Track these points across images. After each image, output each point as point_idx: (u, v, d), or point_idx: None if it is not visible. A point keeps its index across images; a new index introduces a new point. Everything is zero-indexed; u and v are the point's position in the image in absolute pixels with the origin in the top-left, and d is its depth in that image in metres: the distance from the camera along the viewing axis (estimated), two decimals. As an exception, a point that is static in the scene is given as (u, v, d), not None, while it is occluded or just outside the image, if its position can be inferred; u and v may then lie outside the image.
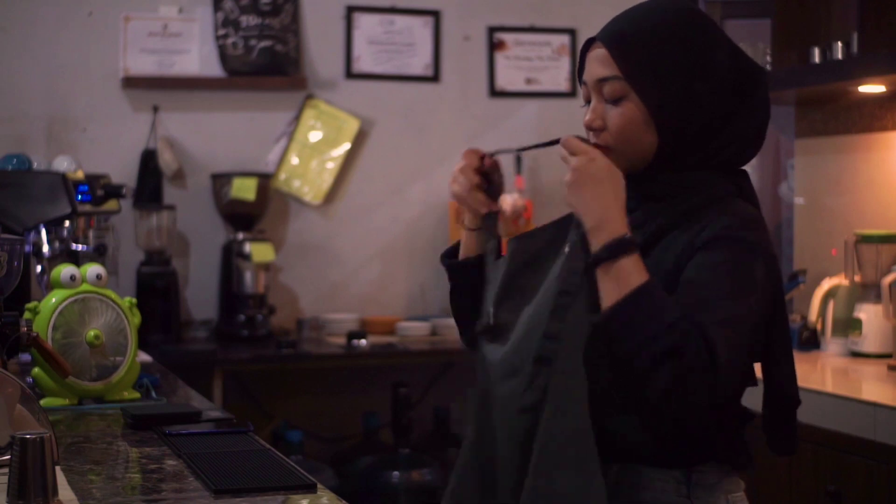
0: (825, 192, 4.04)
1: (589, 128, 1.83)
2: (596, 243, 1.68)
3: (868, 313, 3.52)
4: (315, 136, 4.78)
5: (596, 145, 1.80)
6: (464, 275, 1.98)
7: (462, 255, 1.99)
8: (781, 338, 1.82)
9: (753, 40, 4.04)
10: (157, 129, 4.61)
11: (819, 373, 3.43)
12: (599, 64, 1.81)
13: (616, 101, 1.79)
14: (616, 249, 1.67)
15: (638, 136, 1.79)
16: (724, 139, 1.81)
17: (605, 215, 1.69)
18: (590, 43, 1.85)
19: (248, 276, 4.53)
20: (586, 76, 1.84)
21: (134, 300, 2.69)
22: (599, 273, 1.68)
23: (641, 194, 1.81)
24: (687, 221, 1.77)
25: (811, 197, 4.12)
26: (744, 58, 1.84)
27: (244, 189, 4.54)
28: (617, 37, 1.80)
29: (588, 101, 1.85)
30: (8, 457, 1.61)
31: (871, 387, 3.17)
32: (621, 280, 1.66)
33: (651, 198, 1.81)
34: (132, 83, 4.59)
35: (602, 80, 1.80)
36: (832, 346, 3.66)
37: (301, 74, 4.76)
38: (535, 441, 1.70)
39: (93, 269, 2.63)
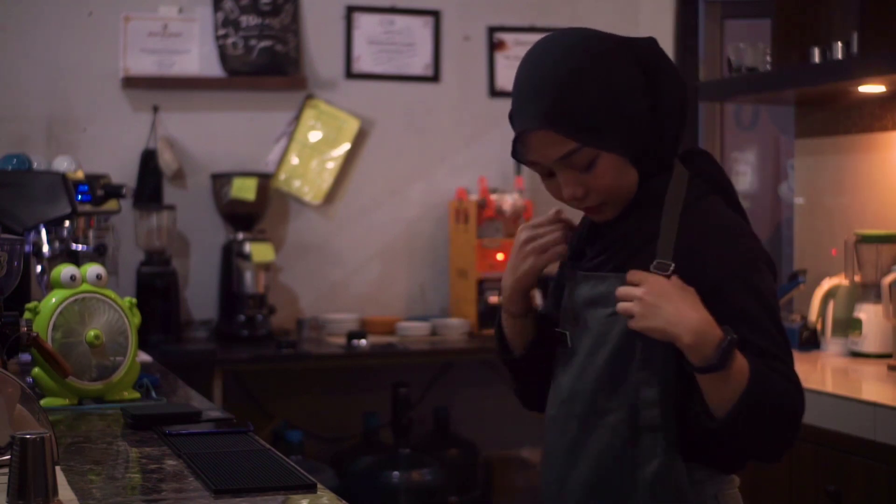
0: (825, 192, 4.04)
1: (572, 199, 1.82)
2: (699, 354, 1.69)
3: (868, 313, 3.52)
4: (315, 136, 4.78)
5: (587, 209, 1.84)
6: (527, 368, 1.98)
7: (516, 346, 1.97)
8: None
9: (753, 40, 4.04)
10: (157, 129, 4.61)
11: (819, 373, 3.43)
12: (552, 146, 1.78)
13: (588, 167, 1.79)
14: (726, 356, 1.67)
15: (622, 179, 1.81)
16: (666, 121, 1.81)
17: (698, 327, 1.69)
18: (523, 130, 1.81)
19: (248, 276, 4.53)
20: (540, 159, 1.80)
21: (134, 300, 2.68)
22: (707, 378, 1.70)
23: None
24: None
25: (811, 197, 4.12)
26: (638, 46, 1.82)
27: (244, 189, 4.54)
28: (555, 114, 1.77)
29: (547, 174, 1.83)
30: (8, 457, 1.61)
31: (871, 387, 3.17)
32: (732, 380, 1.68)
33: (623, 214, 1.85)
34: (132, 83, 4.59)
35: (565, 157, 1.78)
36: (832, 346, 3.66)
37: (301, 74, 4.76)
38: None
39: (93, 269, 2.63)
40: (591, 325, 1.83)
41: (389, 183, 4.91)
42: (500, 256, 4.71)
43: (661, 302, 1.70)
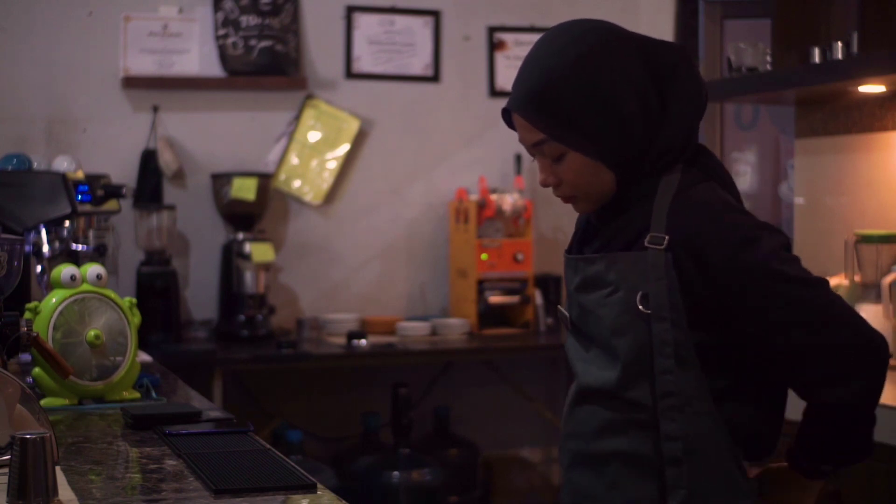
0: (825, 192, 4.04)
1: (544, 185, 1.85)
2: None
3: (868, 313, 3.51)
4: (315, 136, 4.78)
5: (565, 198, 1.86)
6: None
7: None
8: None
9: (753, 40, 4.04)
10: (157, 129, 4.61)
11: (819, 373, 3.42)
12: (526, 130, 1.81)
13: (558, 158, 1.80)
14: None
15: (593, 179, 1.81)
16: (668, 128, 1.80)
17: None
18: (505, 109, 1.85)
19: (248, 276, 4.53)
20: (520, 140, 1.85)
21: (134, 300, 2.69)
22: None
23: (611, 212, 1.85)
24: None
25: (811, 197, 4.12)
26: (655, 48, 1.82)
27: (244, 189, 4.54)
28: (530, 102, 1.79)
29: (534, 156, 1.86)
30: (8, 457, 1.61)
31: (871, 387, 3.16)
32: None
33: (619, 210, 1.84)
34: (132, 83, 4.59)
35: (536, 145, 1.81)
36: (832, 346, 3.65)
37: (301, 74, 4.76)
38: None
39: (93, 269, 2.63)
40: (585, 307, 1.83)
41: (389, 183, 4.91)
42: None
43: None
